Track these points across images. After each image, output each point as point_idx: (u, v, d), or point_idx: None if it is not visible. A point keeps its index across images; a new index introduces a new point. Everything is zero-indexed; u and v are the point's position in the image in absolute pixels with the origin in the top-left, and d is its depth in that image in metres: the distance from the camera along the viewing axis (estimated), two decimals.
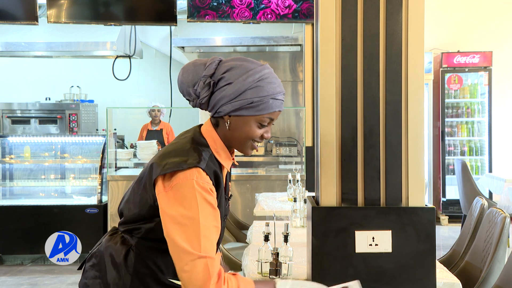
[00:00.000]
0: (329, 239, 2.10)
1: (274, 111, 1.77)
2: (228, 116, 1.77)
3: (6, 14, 6.00)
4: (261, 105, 1.75)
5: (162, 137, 8.13)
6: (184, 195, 1.65)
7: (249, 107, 1.74)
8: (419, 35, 2.15)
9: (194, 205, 1.64)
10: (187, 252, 1.61)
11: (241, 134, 1.77)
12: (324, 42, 2.17)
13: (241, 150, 1.82)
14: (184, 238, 1.62)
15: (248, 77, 1.75)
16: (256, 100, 1.74)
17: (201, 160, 1.70)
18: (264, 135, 1.79)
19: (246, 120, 1.76)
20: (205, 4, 5.92)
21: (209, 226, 1.65)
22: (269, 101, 1.75)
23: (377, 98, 2.15)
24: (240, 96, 1.74)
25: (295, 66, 8.55)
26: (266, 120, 1.77)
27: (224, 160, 1.81)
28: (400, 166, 2.14)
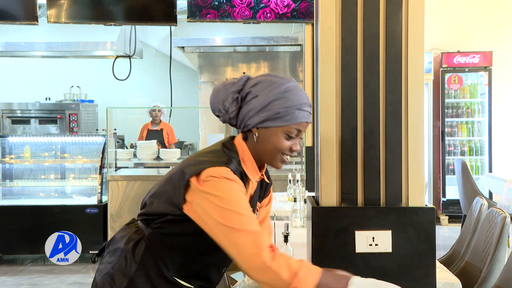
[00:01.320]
0: (329, 239, 2.10)
1: (301, 122, 1.81)
2: (256, 129, 1.82)
3: (6, 14, 6.00)
4: (287, 116, 1.79)
5: (163, 137, 8.13)
6: (217, 185, 1.71)
7: (276, 118, 1.79)
8: (419, 35, 2.15)
9: (227, 191, 1.70)
10: (233, 230, 1.66)
11: (270, 146, 1.81)
12: (324, 42, 2.17)
13: (271, 163, 1.86)
14: (227, 220, 1.67)
15: (274, 89, 1.79)
16: (282, 111, 1.78)
17: (230, 162, 1.78)
18: (293, 147, 1.83)
19: (274, 132, 1.80)
20: (207, 4, 5.92)
21: (247, 206, 1.72)
22: (295, 112, 1.79)
23: (377, 98, 2.14)
24: (266, 107, 1.78)
25: (295, 66, 8.55)
26: (294, 131, 1.81)
27: (251, 172, 1.86)
28: (400, 166, 2.14)
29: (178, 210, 1.78)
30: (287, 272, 1.62)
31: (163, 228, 1.82)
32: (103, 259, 1.93)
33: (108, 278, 1.84)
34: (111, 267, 1.85)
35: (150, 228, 1.85)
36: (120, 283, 1.81)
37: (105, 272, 1.86)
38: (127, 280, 1.80)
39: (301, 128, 1.83)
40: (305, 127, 1.85)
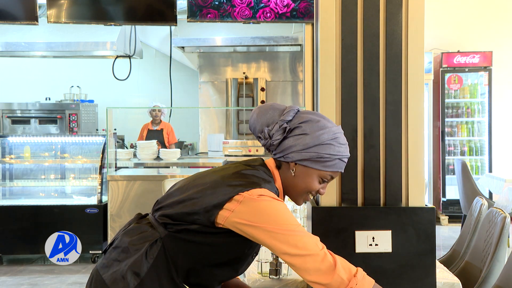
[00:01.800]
0: (329, 239, 2.10)
1: (337, 171, 1.86)
2: (294, 164, 1.85)
3: (6, 14, 6.00)
4: (329, 162, 1.83)
5: (163, 137, 8.13)
6: (262, 206, 1.73)
7: (317, 161, 1.82)
8: (419, 35, 2.15)
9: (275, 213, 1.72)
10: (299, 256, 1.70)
11: (302, 184, 1.85)
12: (324, 42, 2.17)
13: (295, 199, 1.90)
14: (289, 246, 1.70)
15: (324, 133, 1.83)
16: (326, 157, 1.82)
17: (272, 187, 1.81)
18: (320, 190, 1.87)
19: (310, 173, 1.84)
20: (207, 3, 5.92)
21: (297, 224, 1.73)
22: (336, 161, 1.84)
23: (377, 98, 2.15)
24: (312, 148, 1.82)
25: (295, 66, 8.55)
26: (328, 178, 1.86)
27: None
28: (400, 166, 2.15)
29: (209, 222, 1.76)
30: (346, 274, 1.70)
31: (183, 233, 1.80)
32: (109, 254, 1.88)
33: (119, 276, 1.80)
34: (124, 265, 1.81)
35: (167, 231, 1.82)
36: (131, 282, 1.79)
37: (115, 269, 1.82)
38: (139, 280, 1.78)
39: (334, 176, 1.88)
40: (337, 176, 1.89)
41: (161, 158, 7.26)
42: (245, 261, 1.88)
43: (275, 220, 1.71)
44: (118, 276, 1.80)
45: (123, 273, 1.80)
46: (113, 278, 1.81)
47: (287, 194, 1.91)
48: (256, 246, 1.88)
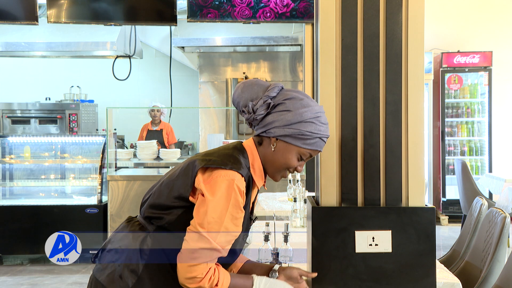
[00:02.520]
0: (329, 239, 2.10)
1: (316, 150, 1.90)
2: (276, 139, 1.88)
3: (6, 14, 6.00)
4: (309, 140, 1.87)
5: (162, 137, 8.13)
6: (221, 189, 1.78)
7: (298, 138, 1.87)
8: (419, 35, 2.15)
9: (226, 203, 1.77)
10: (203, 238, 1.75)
11: (281, 160, 1.89)
12: (324, 42, 2.17)
13: (272, 175, 1.95)
14: (205, 225, 1.76)
15: (307, 111, 1.87)
16: (307, 134, 1.86)
17: (242, 168, 1.84)
18: (298, 168, 1.92)
19: (290, 149, 1.88)
20: (208, 3, 5.92)
21: (230, 227, 1.79)
22: (317, 139, 1.88)
23: (377, 98, 2.15)
24: (294, 125, 1.86)
25: (295, 66, 8.55)
26: (307, 155, 1.90)
27: (258, 178, 1.94)
28: (400, 166, 2.14)
29: (184, 201, 1.82)
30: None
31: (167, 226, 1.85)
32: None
33: (116, 276, 1.82)
34: (119, 265, 1.83)
35: (154, 225, 1.87)
36: (129, 280, 1.80)
37: (111, 270, 1.84)
38: (136, 278, 1.79)
39: (313, 155, 1.93)
40: (315, 154, 1.94)
41: (161, 158, 7.26)
42: (237, 243, 1.90)
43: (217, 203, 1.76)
44: (115, 277, 1.82)
45: (120, 273, 1.82)
46: (110, 279, 1.83)
47: (266, 171, 1.95)
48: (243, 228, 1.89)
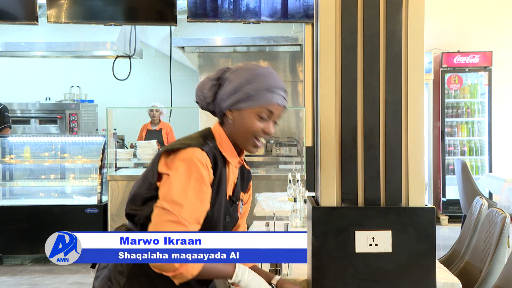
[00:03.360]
0: (329, 239, 2.10)
1: (272, 103, 1.86)
2: (230, 111, 1.87)
3: (6, 14, 6.00)
4: (257, 96, 1.84)
5: (162, 137, 8.13)
6: (182, 165, 1.77)
7: (247, 99, 1.84)
8: (419, 35, 2.15)
9: (187, 176, 1.75)
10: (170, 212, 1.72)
11: (243, 128, 1.86)
12: (324, 42, 2.17)
13: (244, 146, 1.90)
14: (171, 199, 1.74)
15: (247, 73, 1.87)
16: (253, 93, 1.84)
17: (203, 145, 1.82)
18: (265, 129, 1.87)
19: (247, 114, 1.85)
20: (208, 3, 5.93)
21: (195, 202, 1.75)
22: (266, 93, 1.85)
23: (377, 98, 2.15)
24: (239, 89, 1.85)
25: (295, 66, 8.55)
26: (265, 112, 1.85)
27: (230, 156, 1.90)
28: (400, 166, 2.14)
29: (154, 190, 1.82)
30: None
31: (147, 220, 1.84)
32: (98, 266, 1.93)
33: (106, 280, 1.85)
34: (108, 269, 1.86)
35: (138, 225, 1.87)
36: (118, 282, 1.81)
37: (102, 276, 1.87)
38: (124, 279, 1.80)
39: (273, 110, 1.86)
40: (278, 110, 1.88)
41: None
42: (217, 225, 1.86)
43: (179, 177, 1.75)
44: (105, 281, 1.85)
45: (109, 277, 1.85)
46: (101, 285, 1.85)
47: (239, 145, 1.91)
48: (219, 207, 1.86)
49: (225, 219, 1.90)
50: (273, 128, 1.89)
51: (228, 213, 1.92)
